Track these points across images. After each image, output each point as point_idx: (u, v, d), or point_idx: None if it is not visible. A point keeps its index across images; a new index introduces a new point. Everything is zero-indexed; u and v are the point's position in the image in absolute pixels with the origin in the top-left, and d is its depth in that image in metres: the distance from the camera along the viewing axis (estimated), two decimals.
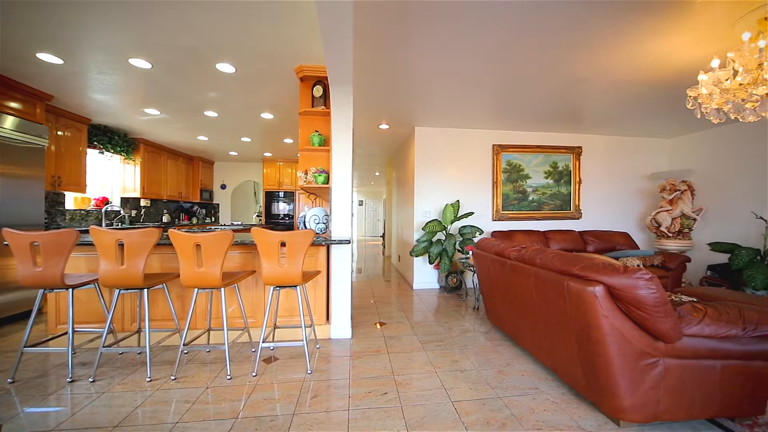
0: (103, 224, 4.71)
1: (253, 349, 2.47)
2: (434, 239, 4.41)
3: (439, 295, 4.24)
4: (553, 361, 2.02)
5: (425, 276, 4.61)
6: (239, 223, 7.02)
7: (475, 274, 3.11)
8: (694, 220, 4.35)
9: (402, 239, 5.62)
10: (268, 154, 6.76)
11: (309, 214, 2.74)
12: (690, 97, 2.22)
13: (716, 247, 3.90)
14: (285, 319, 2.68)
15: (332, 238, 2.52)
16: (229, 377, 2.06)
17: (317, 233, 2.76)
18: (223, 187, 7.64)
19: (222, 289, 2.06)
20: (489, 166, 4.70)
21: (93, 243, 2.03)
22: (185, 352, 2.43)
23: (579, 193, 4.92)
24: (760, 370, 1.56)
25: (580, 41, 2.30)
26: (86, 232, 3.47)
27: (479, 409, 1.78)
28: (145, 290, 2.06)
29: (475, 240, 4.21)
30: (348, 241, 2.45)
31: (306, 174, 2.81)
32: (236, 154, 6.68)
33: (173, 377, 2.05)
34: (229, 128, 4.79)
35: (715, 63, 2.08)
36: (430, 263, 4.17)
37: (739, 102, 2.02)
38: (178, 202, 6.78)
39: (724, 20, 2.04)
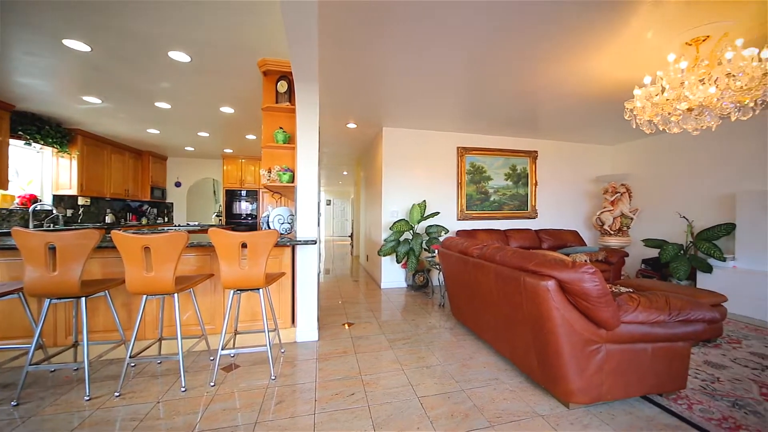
0: (31, 225, 4.15)
1: (212, 358, 2.33)
2: (402, 239, 4.47)
3: (406, 293, 4.30)
4: (512, 352, 2.14)
5: (393, 275, 4.66)
6: (196, 223, 6.56)
7: (441, 272, 3.20)
8: (632, 219, 4.87)
9: (370, 239, 5.63)
10: (228, 151, 6.40)
11: (273, 213, 2.64)
12: (627, 109, 2.47)
13: (649, 243, 4.39)
14: (247, 324, 2.56)
15: (298, 239, 2.45)
16: (183, 389, 1.91)
17: (281, 233, 2.66)
18: (178, 184, 7.10)
19: (175, 294, 1.91)
20: (454, 168, 4.86)
21: (17, 247, 1.78)
22: (132, 365, 2.22)
23: (535, 195, 5.27)
24: (682, 350, 1.79)
25: (535, 53, 2.46)
26: (7, 234, 3.04)
27: (444, 402, 1.83)
28: (83, 299, 1.85)
29: (441, 239, 4.33)
30: (314, 242, 2.40)
31: (269, 172, 2.70)
32: (193, 149, 6.24)
33: (117, 393, 1.86)
34: (185, 121, 4.46)
35: (647, 80, 2.34)
36: (398, 262, 4.22)
37: (666, 115, 2.30)
38: (125, 200, 6.18)
39: (654, 42, 2.30)
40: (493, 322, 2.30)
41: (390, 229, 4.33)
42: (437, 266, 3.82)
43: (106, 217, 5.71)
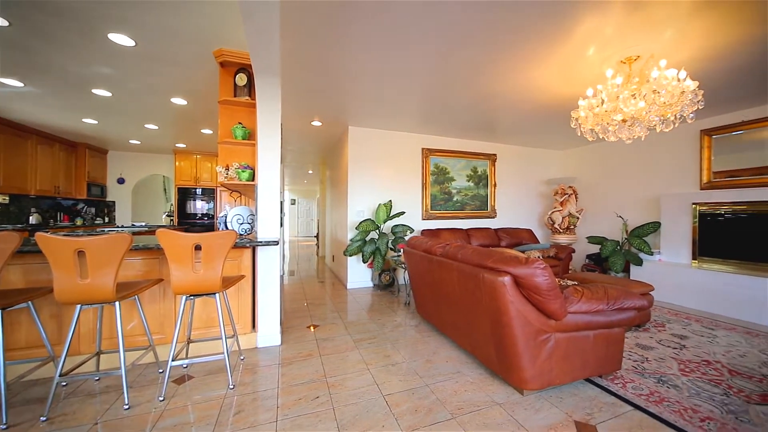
0: None
1: (161, 370, 2.14)
2: (368, 238, 4.47)
3: (372, 293, 4.31)
4: (473, 346, 2.24)
5: (359, 275, 4.65)
6: (143, 224, 5.98)
7: (407, 271, 3.26)
8: (578, 218, 5.34)
9: (336, 239, 5.56)
10: (181, 145, 5.93)
11: (231, 213, 2.49)
12: (573, 118, 2.70)
13: (591, 240, 4.85)
14: (202, 331, 2.39)
15: (258, 240, 2.34)
16: (127, 406, 1.74)
17: (240, 234, 2.53)
18: (121, 181, 6.43)
19: (117, 303, 1.73)
20: (419, 168, 4.97)
21: None
22: (63, 384, 1.97)
23: (494, 195, 5.57)
24: (617, 335, 2.00)
25: (489, 62, 2.59)
26: None
27: (408, 399, 1.87)
28: None
29: (407, 238, 4.41)
30: (276, 242, 2.31)
31: (227, 169, 2.55)
32: (139, 143, 5.69)
33: (44, 418, 1.64)
34: (129, 112, 4.05)
35: (589, 92, 2.58)
36: (364, 262, 4.21)
37: (605, 125, 2.55)
38: (55, 198, 5.46)
39: (595, 59, 2.54)
40: (456, 317, 2.39)
41: (356, 228, 4.31)
42: (403, 265, 3.88)
43: (31, 218, 5.00)
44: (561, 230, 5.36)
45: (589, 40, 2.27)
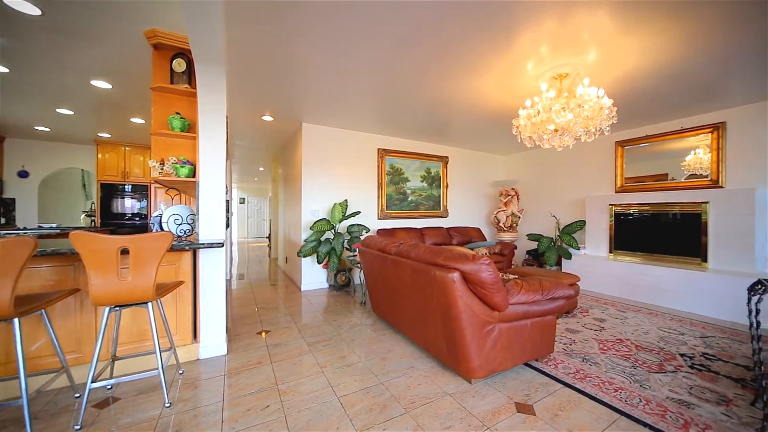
0: None
1: (77, 394, 1.85)
2: (323, 238, 4.38)
3: (328, 294, 4.24)
4: (426, 341, 2.32)
5: (314, 276, 4.53)
6: (53, 225, 5.10)
7: (362, 271, 3.26)
8: (519, 217, 5.84)
9: (289, 239, 5.35)
10: (105, 135, 5.20)
11: (168, 213, 2.25)
12: (514, 125, 2.95)
13: (530, 237, 5.35)
14: (131, 345, 2.12)
15: (200, 242, 2.14)
16: None
17: (178, 236, 2.30)
18: (23, 174, 5.42)
19: (15, 320, 1.45)
20: (374, 168, 5.01)
21: None
22: None
23: (447, 196, 5.84)
24: (550, 322, 2.23)
25: (437, 69, 2.71)
26: None
27: (363, 398, 1.87)
28: None
29: (362, 238, 4.41)
30: (221, 244, 2.14)
31: (162, 164, 2.29)
32: (48, 130, 4.86)
33: None
34: (34, 93, 3.44)
35: (528, 103, 2.83)
36: (319, 263, 4.11)
37: (540, 133, 2.83)
38: None
39: (533, 73, 2.80)
40: (410, 314, 2.45)
41: (310, 228, 4.20)
42: (358, 265, 3.87)
43: None
44: (505, 228, 5.82)
45: (527, 55, 2.49)
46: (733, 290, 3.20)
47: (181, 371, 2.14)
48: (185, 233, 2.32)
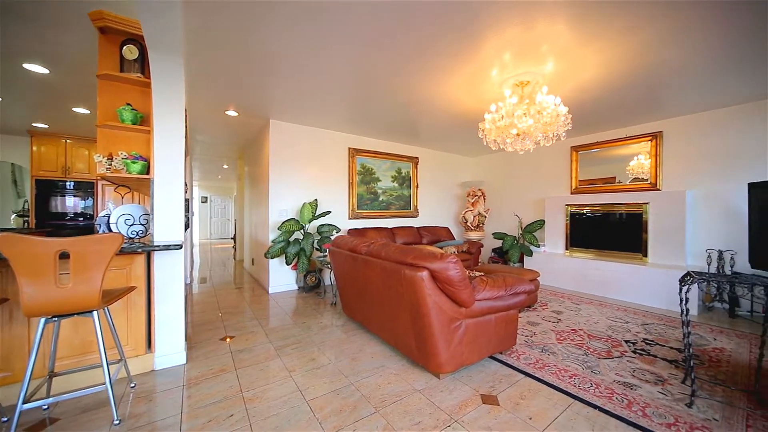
0: None
1: (5, 418, 1.64)
2: (292, 239, 4.26)
3: (297, 296, 4.13)
4: (396, 339, 2.35)
5: (282, 278, 4.39)
6: None
7: (333, 271, 3.21)
8: (485, 217, 6.09)
9: (256, 240, 5.14)
10: (41, 126, 4.64)
11: (117, 213, 2.06)
12: (480, 129, 3.07)
13: (496, 235, 5.60)
14: (74, 359, 1.92)
15: (155, 244, 1.99)
16: None
17: (130, 238, 2.12)
18: None
19: None
20: (345, 168, 4.96)
21: None
22: None
23: (417, 196, 5.94)
24: (513, 316, 2.35)
25: (407, 71, 2.75)
26: None
27: (333, 400, 1.85)
28: None
29: (333, 238, 4.36)
30: (179, 246, 2.01)
31: (111, 159, 2.10)
32: None
33: None
34: None
35: (492, 108, 2.96)
36: (288, 264, 4.00)
37: (504, 137, 2.97)
38: None
39: (497, 79, 2.93)
40: (380, 313, 2.46)
41: (278, 229, 4.06)
42: (329, 265, 3.81)
43: None
44: (472, 228, 6.04)
45: (491, 62, 2.61)
46: (668, 281, 3.58)
47: (132, 384, 1.97)
48: (138, 235, 2.14)
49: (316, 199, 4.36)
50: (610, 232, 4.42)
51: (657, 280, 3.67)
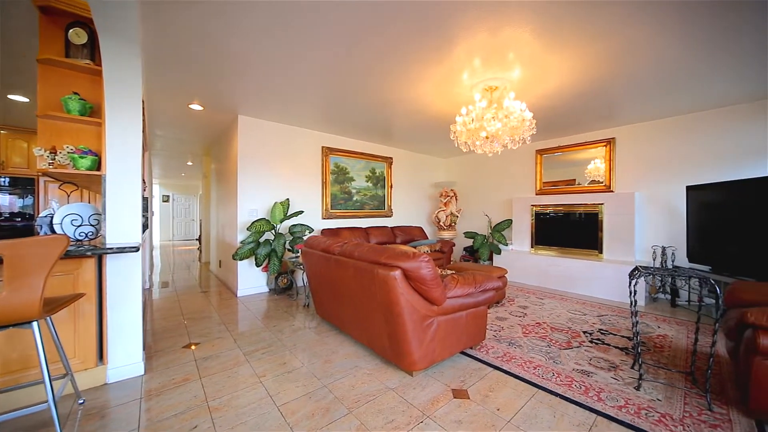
0: None
1: None
2: (262, 239, 4.12)
3: (268, 298, 4.00)
4: (369, 339, 2.35)
5: (252, 280, 4.23)
6: None
7: (305, 273, 3.15)
8: (458, 216, 6.27)
9: (224, 241, 4.90)
10: None
11: (62, 212, 1.87)
12: (451, 131, 3.15)
13: (467, 234, 5.78)
14: (9, 377, 1.72)
15: (107, 246, 1.83)
16: None
17: (77, 240, 1.94)
18: None
19: None
20: (319, 167, 4.88)
21: None
22: None
23: (391, 196, 5.98)
24: (482, 312, 2.43)
25: (381, 70, 2.76)
26: None
27: (306, 403, 1.81)
28: None
29: (305, 238, 4.27)
30: (136, 249, 1.86)
31: (54, 153, 1.90)
32: None
33: None
34: None
35: (463, 111, 3.05)
36: (258, 266, 3.86)
37: (474, 139, 3.07)
38: None
39: (468, 83, 3.03)
40: (354, 314, 2.45)
41: (248, 229, 3.91)
42: (301, 266, 3.73)
43: None
44: (445, 227, 6.18)
45: (462, 66, 2.69)
46: (620, 276, 3.90)
47: (81, 400, 1.81)
48: (87, 236, 1.96)
49: (288, 199, 4.24)
50: (570, 230, 4.73)
51: (611, 275, 3.98)
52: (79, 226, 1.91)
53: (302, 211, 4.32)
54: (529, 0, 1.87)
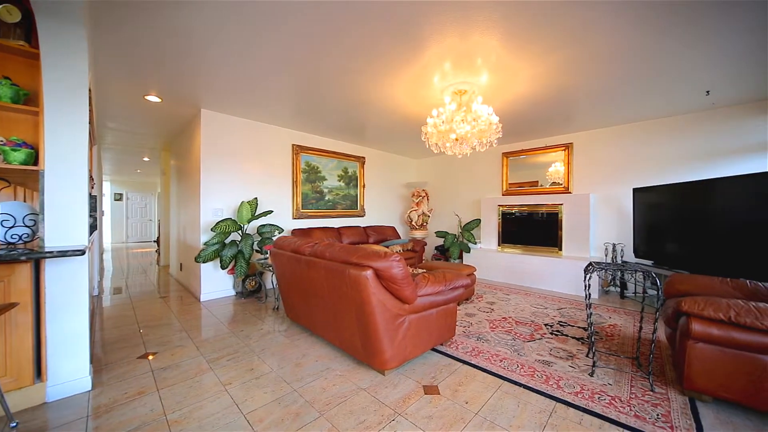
0: None
1: None
2: (228, 241, 3.93)
3: (235, 302, 3.82)
4: (341, 340, 2.32)
5: (217, 284, 4.02)
6: None
7: (274, 274, 3.04)
8: (429, 216, 6.40)
9: (185, 243, 4.61)
10: None
11: None
12: (423, 132, 3.20)
13: (438, 234, 5.91)
14: None
15: (46, 250, 1.65)
16: None
17: (10, 243, 1.72)
18: None
19: None
20: (289, 165, 4.75)
21: None
22: None
23: (363, 196, 5.96)
24: (452, 309, 2.50)
25: (352, 69, 2.75)
26: None
27: (274, 409, 1.75)
28: None
29: (275, 239, 4.13)
30: (81, 252, 1.69)
31: None
32: None
33: None
34: None
35: (434, 113, 3.11)
36: (223, 268, 3.67)
37: (444, 141, 3.14)
38: None
39: (438, 86, 3.09)
40: (325, 315, 2.41)
41: (212, 230, 3.71)
42: (270, 268, 3.61)
43: None
44: (417, 227, 6.28)
45: (432, 68, 2.74)
46: (577, 271, 4.19)
47: (13, 424, 1.61)
48: (21, 239, 1.75)
49: (256, 198, 4.08)
50: (534, 229, 5.00)
51: (569, 270, 4.27)
52: (11, 227, 1.69)
53: (271, 211, 4.18)
54: (495, 0, 1.94)
